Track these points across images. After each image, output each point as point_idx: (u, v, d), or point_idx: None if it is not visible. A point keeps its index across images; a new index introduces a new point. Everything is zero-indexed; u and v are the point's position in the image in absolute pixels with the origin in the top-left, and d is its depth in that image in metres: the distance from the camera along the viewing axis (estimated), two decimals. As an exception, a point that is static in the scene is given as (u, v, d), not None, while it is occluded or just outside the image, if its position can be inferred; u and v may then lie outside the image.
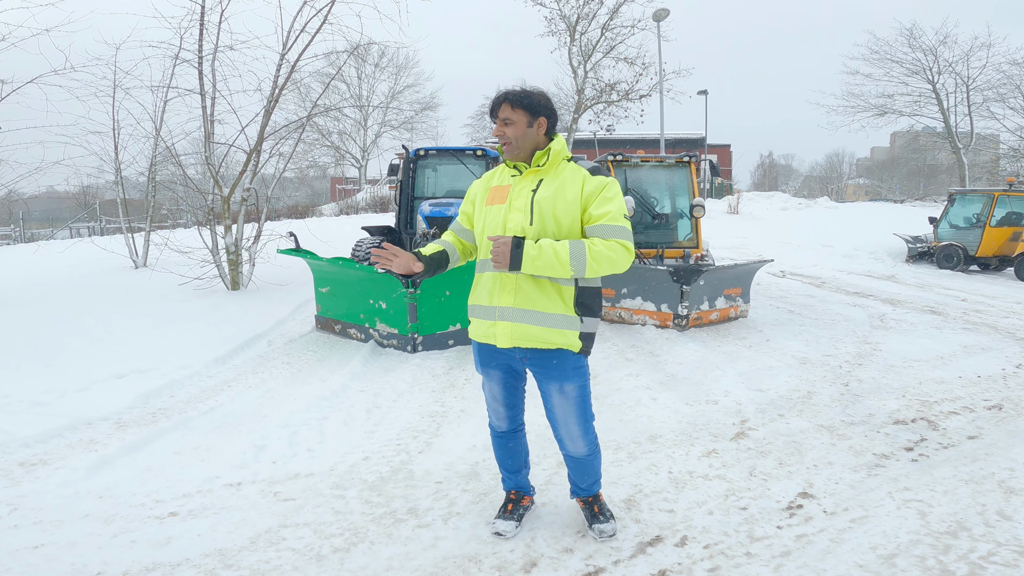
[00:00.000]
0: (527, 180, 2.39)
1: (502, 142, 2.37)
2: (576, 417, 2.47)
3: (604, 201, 2.29)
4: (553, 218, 2.31)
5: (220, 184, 7.96)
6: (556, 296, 2.34)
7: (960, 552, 2.50)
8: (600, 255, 2.22)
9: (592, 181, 2.32)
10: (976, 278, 11.55)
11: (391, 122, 38.62)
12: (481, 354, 2.56)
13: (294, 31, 7.47)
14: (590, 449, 2.54)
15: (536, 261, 2.21)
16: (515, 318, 2.35)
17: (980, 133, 31.60)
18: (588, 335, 2.41)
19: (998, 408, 4.32)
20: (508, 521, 2.65)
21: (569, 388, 2.43)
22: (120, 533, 2.61)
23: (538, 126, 2.37)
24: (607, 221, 2.26)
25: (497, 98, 2.37)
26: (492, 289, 2.40)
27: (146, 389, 4.50)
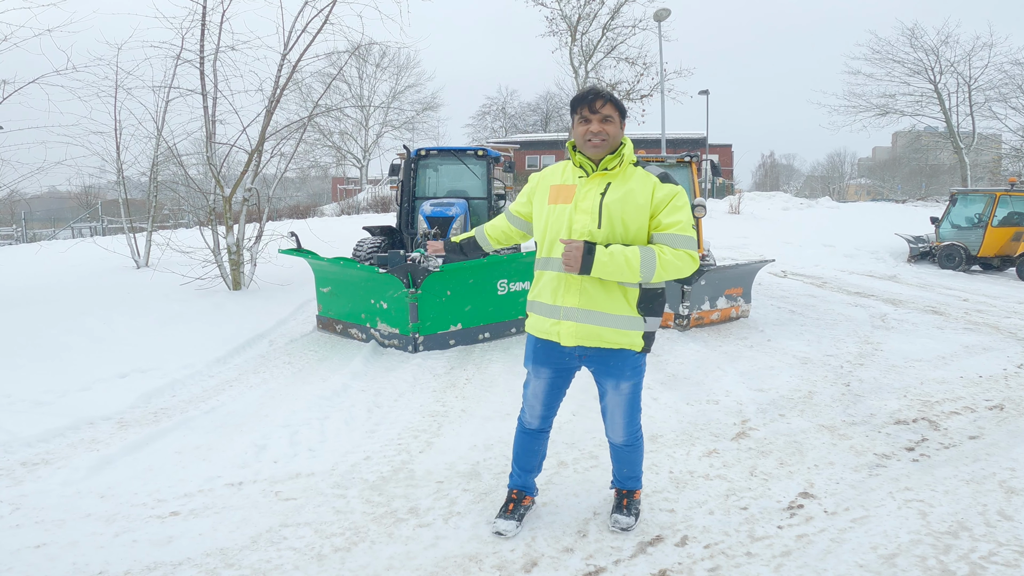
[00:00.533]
0: (594, 183, 2.39)
1: (597, 138, 2.33)
2: (624, 411, 2.55)
3: (674, 210, 2.32)
4: (622, 222, 2.33)
5: (222, 184, 7.97)
6: (621, 298, 2.38)
7: (961, 552, 2.50)
8: (669, 264, 2.27)
9: (663, 188, 2.33)
10: (978, 278, 11.54)
11: (392, 122, 38.68)
12: (537, 350, 2.58)
13: (295, 31, 7.47)
14: (629, 440, 2.62)
15: (607, 267, 2.25)
16: (580, 318, 2.39)
17: (982, 133, 31.55)
18: (650, 334, 2.46)
19: (999, 408, 4.32)
20: (509, 520, 2.66)
21: (624, 386, 2.50)
22: (122, 532, 2.62)
23: (622, 127, 2.41)
24: (677, 231, 2.30)
25: (593, 93, 2.34)
26: (556, 288, 2.43)
27: (148, 388, 4.51)
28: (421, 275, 5.29)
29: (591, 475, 3.19)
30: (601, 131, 2.32)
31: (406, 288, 5.32)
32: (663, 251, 2.27)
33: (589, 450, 3.50)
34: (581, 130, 2.36)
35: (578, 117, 2.37)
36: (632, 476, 2.72)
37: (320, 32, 7.39)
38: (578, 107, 2.36)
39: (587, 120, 2.34)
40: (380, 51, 31.59)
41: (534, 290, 2.56)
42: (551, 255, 2.43)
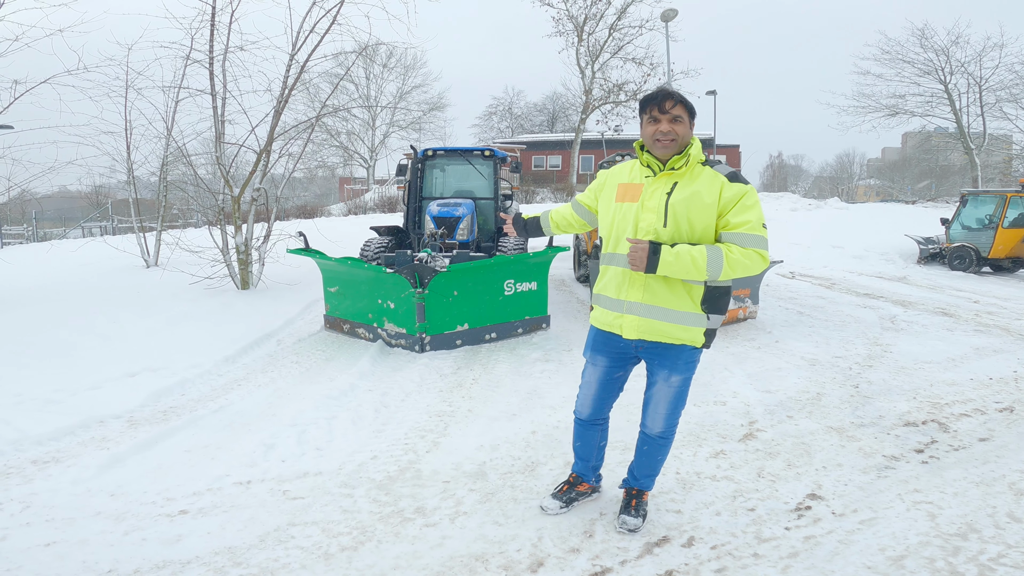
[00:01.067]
0: (661, 182, 2.41)
1: (665, 138, 2.35)
2: (669, 402, 2.56)
3: (744, 209, 2.32)
4: (688, 221, 2.34)
5: (231, 184, 8.01)
6: (685, 294, 2.41)
7: (969, 554, 2.49)
8: (736, 263, 2.28)
9: (731, 188, 2.33)
10: (988, 280, 11.43)
11: (399, 122, 38.79)
12: (597, 340, 2.66)
13: (303, 32, 7.51)
14: (665, 432, 2.61)
15: (672, 266, 2.28)
16: (643, 313, 2.44)
17: (993, 134, 31.30)
18: (712, 331, 2.48)
19: (1009, 410, 4.28)
20: (556, 500, 2.82)
21: (675, 379, 2.52)
22: (131, 531, 2.64)
23: (692, 127, 2.42)
24: (746, 230, 2.30)
25: (662, 94, 2.36)
26: (621, 283, 2.49)
27: (157, 387, 4.54)
28: (428, 275, 5.30)
29: (598, 476, 3.18)
30: (670, 131, 2.34)
31: (413, 288, 5.33)
32: (731, 250, 2.28)
33: (596, 451, 3.49)
34: (650, 130, 2.37)
35: (647, 117, 2.39)
36: (649, 475, 2.72)
37: (328, 32, 7.43)
38: (647, 107, 2.38)
39: (656, 120, 2.35)
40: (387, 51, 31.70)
41: (599, 284, 2.63)
42: (616, 251, 2.50)
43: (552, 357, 5.39)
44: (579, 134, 34.48)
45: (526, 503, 2.89)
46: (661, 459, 2.69)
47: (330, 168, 34.22)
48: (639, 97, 32.13)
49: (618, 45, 32.43)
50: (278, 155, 8.31)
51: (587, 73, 33.31)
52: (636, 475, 2.74)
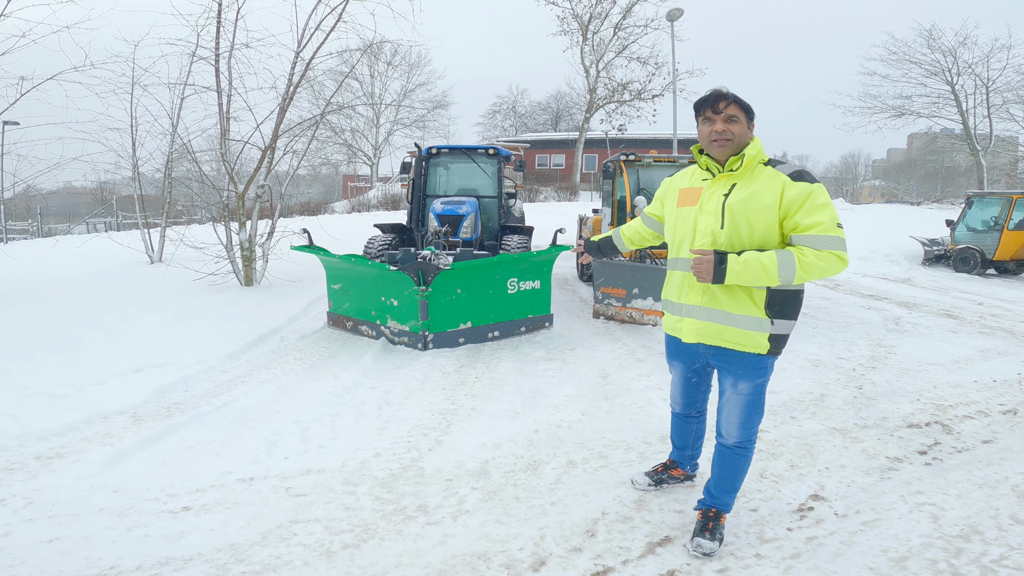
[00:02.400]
0: (719, 184, 2.37)
1: (721, 139, 2.31)
2: (741, 410, 2.48)
3: (814, 209, 2.21)
4: (746, 223, 2.27)
5: (235, 180, 8.03)
6: (745, 298, 2.33)
7: (972, 556, 2.48)
8: (811, 266, 2.18)
9: (795, 187, 2.23)
10: (993, 282, 11.39)
11: (403, 120, 38.74)
12: (669, 345, 2.73)
13: (309, 29, 7.51)
14: (742, 441, 2.51)
15: (741, 275, 2.22)
16: (701, 316, 2.42)
17: (999, 135, 31.21)
18: (778, 337, 2.36)
19: (1013, 413, 4.27)
20: (646, 476, 3.00)
21: (743, 386, 2.44)
22: (134, 527, 2.64)
23: (751, 128, 2.37)
24: (819, 232, 2.19)
25: (716, 94, 2.31)
26: (681, 287, 2.49)
27: (162, 383, 4.55)
28: (432, 273, 5.30)
29: (601, 475, 3.18)
30: (726, 131, 2.29)
31: (416, 286, 5.33)
32: (803, 253, 2.18)
33: (598, 450, 3.49)
34: (705, 131, 2.34)
35: (702, 119, 2.36)
36: (729, 491, 2.56)
37: (333, 30, 7.42)
38: (701, 108, 2.35)
39: (710, 120, 2.32)
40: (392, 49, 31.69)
41: (665, 289, 2.64)
42: (679, 256, 2.50)
43: (555, 356, 5.39)
44: (583, 133, 34.46)
45: (528, 502, 2.89)
46: (742, 470, 2.55)
47: (334, 165, 34.26)
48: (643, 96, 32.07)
49: (623, 44, 32.42)
50: (283, 152, 8.33)
51: (591, 72, 33.30)
52: (714, 493, 2.59)
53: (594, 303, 6.98)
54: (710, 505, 2.61)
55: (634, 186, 8.11)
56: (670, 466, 2.99)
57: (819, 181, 2.27)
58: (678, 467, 2.97)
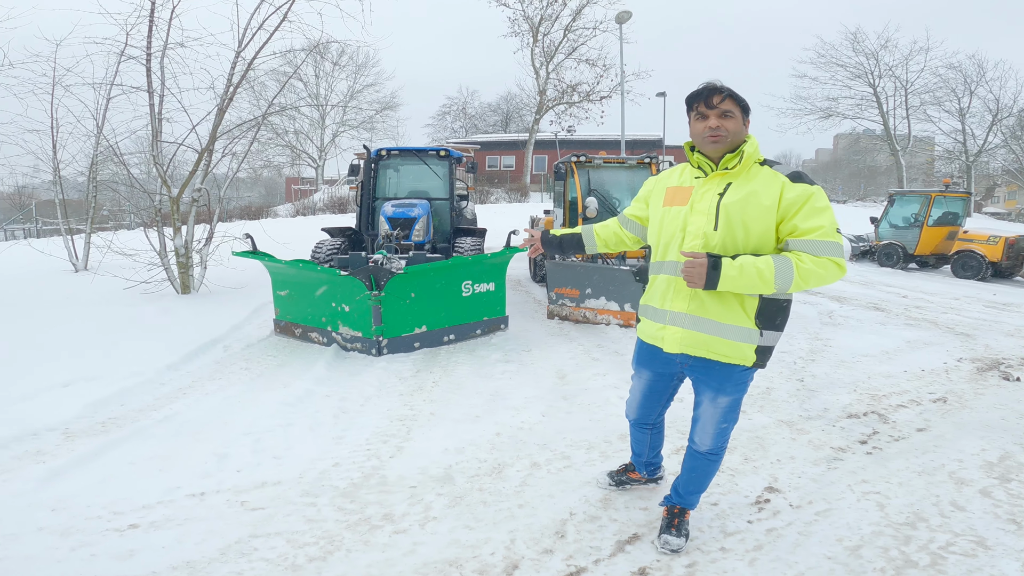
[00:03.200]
0: (713, 183, 2.22)
1: (713, 135, 2.17)
2: (718, 421, 2.40)
3: (814, 213, 2.09)
4: (742, 225, 2.14)
5: (168, 184, 7.66)
6: (736, 307, 2.20)
7: (920, 543, 2.60)
8: (809, 273, 2.05)
9: (794, 189, 2.11)
10: (915, 275, 12.15)
11: (350, 121, 37.89)
12: (642, 352, 2.55)
13: (251, 29, 7.26)
14: (714, 448, 2.45)
15: (736, 281, 2.07)
16: (687, 325, 2.26)
17: (917, 136, 33.40)
18: (765, 349, 2.26)
19: (943, 401, 4.52)
20: (608, 476, 3.01)
21: (723, 400, 2.35)
22: (79, 547, 2.48)
23: (747, 125, 2.23)
24: (819, 237, 2.06)
25: (709, 88, 2.18)
26: (666, 292, 2.33)
27: (94, 398, 4.28)
28: (384, 277, 5.20)
29: (565, 475, 3.20)
30: (720, 127, 2.15)
31: (369, 290, 5.22)
32: (801, 259, 2.05)
33: (561, 450, 3.51)
34: (699, 127, 2.20)
35: (694, 114, 2.22)
36: (695, 491, 2.57)
37: (278, 29, 7.19)
38: (693, 103, 2.21)
39: (704, 116, 2.18)
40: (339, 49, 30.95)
41: (646, 294, 2.49)
42: (664, 259, 2.34)
43: (512, 358, 5.38)
44: (533, 134, 34.73)
45: (496, 506, 2.86)
46: (710, 477, 2.54)
47: (276, 168, 33.15)
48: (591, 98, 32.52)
49: (572, 46, 32.91)
50: (221, 154, 8.01)
51: (542, 74, 33.64)
52: (681, 492, 2.58)
53: (548, 304, 7.02)
54: (675, 503, 2.61)
55: (585, 187, 8.20)
56: (629, 468, 2.96)
57: (817, 184, 2.18)
58: (635, 471, 2.95)
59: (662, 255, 2.36)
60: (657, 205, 2.40)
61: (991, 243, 11.62)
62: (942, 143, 33.96)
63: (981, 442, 3.71)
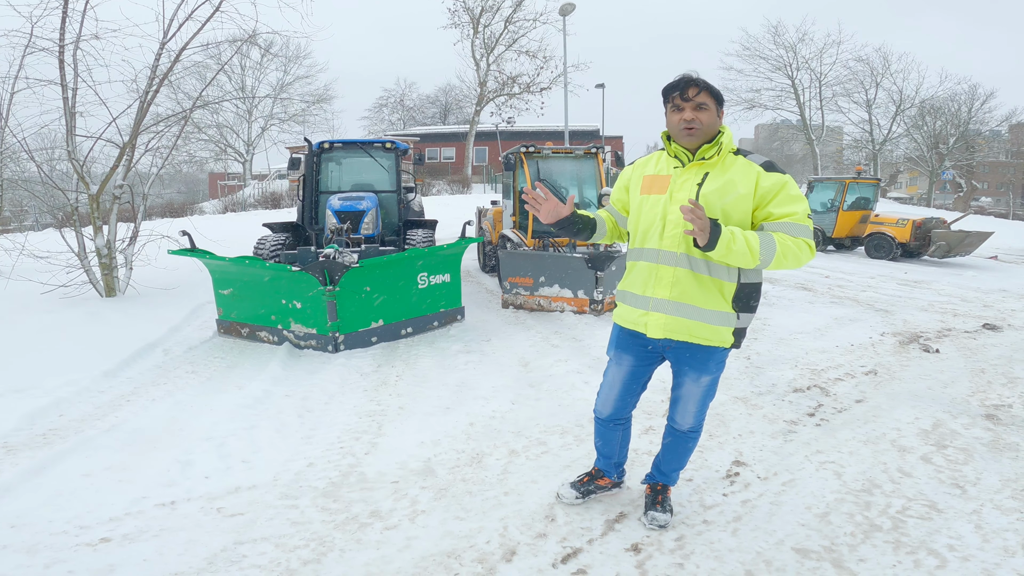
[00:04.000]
0: (691, 172, 2.29)
1: (688, 127, 2.23)
2: (699, 400, 2.49)
3: (788, 199, 2.21)
4: (722, 212, 2.22)
5: (87, 181, 7.13)
6: (716, 292, 2.29)
7: (880, 508, 2.78)
8: (788, 250, 2.17)
9: (769, 178, 2.22)
10: (833, 256, 12.95)
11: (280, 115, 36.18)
12: (622, 338, 2.55)
13: (177, 19, 6.84)
14: (695, 426, 2.56)
15: (731, 245, 2.11)
16: (670, 311, 2.32)
17: (829, 125, 35.51)
18: (741, 330, 2.38)
19: (874, 373, 4.85)
20: (572, 489, 2.79)
21: (704, 379, 2.43)
22: (52, 563, 2.33)
23: (720, 116, 2.30)
24: (794, 220, 2.19)
25: (685, 80, 2.22)
26: (647, 279, 2.37)
27: (28, 409, 3.98)
28: (338, 271, 5.07)
29: (544, 461, 3.25)
30: (695, 119, 2.22)
31: (323, 286, 5.08)
32: (782, 237, 2.17)
33: (536, 436, 3.56)
34: (675, 119, 2.26)
35: (670, 106, 2.27)
36: (676, 468, 2.67)
37: (210, 20, 6.80)
38: (670, 95, 2.26)
39: (679, 108, 2.24)
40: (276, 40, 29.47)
41: (624, 281, 2.51)
42: (644, 246, 2.38)
43: (473, 348, 5.39)
44: (474, 126, 34.50)
45: (482, 495, 2.88)
46: (689, 453, 2.64)
47: (199, 163, 31.26)
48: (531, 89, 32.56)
49: (513, 38, 32.88)
50: (144, 150, 7.53)
51: (482, 65, 33.45)
52: (663, 469, 2.68)
53: (502, 293, 7.06)
54: (658, 480, 2.70)
55: (534, 176, 8.30)
56: (596, 476, 2.85)
57: (789, 175, 2.28)
58: (604, 476, 2.85)
59: (641, 242, 2.40)
60: (635, 193, 2.44)
61: (900, 225, 12.55)
62: (851, 133, 36.33)
63: (913, 411, 4.00)
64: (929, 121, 33.03)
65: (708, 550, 2.45)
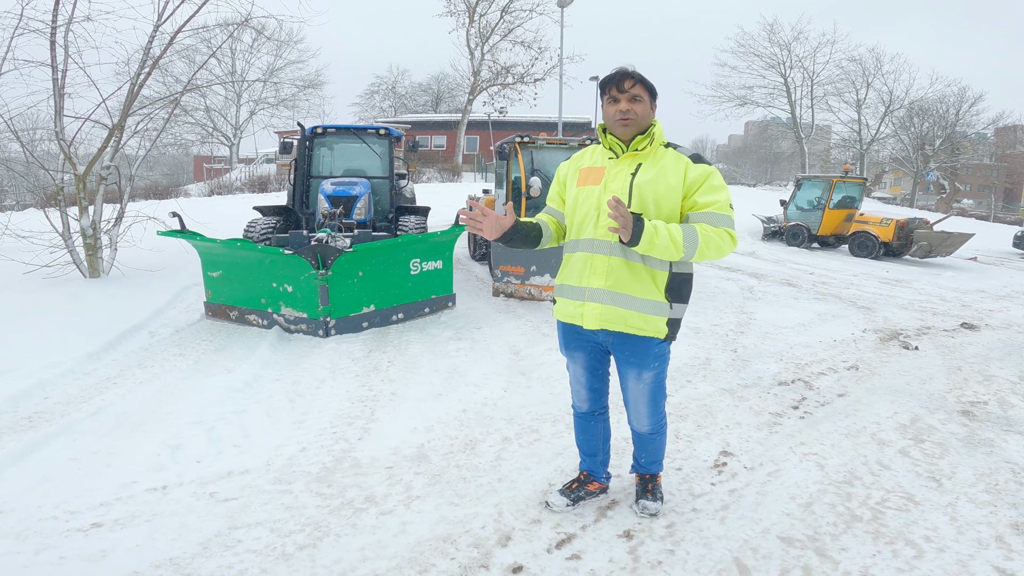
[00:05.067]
0: (624, 163, 2.33)
1: (623, 118, 2.27)
2: (647, 399, 2.49)
3: (711, 190, 2.26)
4: (654, 203, 2.26)
5: (73, 162, 7.01)
6: (649, 281, 2.31)
7: (860, 499, 2.86)
8: (711, 241, 2.20)
9: (696, 168, 2.28)
10: (818, 254, 13.12)
11: (269, 99, 35.54)
12: (566, 335, 2.55)
13: (172, 2, 6.71)
14: (653, 428, 2.57)
15: (654, 240, 2.14)
16: (605, 300, 2.33)
17: (819, 124, 35.73)
18: (675, 321, 2.38)
19: (855, 368, 4.94)
20: (563, 497, 2.70)
21: (647, 375, 2.44)
22: (42, 550, 2.31)
23: (654, 108, 2.34)
24: (716, 210, 2.23)
25: (621, 73, 2.27)
26: (583, 270, 2.37)
27: (12, 391, 3.92)
28: (332, 256, 5.05)
29: (536, 448, 3.28)
30: (629, 110, 2.27)
31: (315, 270, 5.05)
32: (704, 228, 2.21)
33: (528, 424, 3.59)
34: (611, 110, 2.30)
35: (607, 97, 2.31)
36: (654, 460, 2.68)
37: (207, 3, 6.68)
38: (606, 87, 2.30)
39: (615, 100, 2.29)
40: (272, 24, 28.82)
41: (561, 274, 2.51)
42: (580, 237, 2.40)
43: (464, 335, 5.40)
44: (466, 115, 34.25)
45: (475, 481, 2.91)
46: (661, 446, 2.66)
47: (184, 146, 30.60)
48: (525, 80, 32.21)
49: (508, 28, 32.60)
50: (132, 132, 7.41)
51: (476, 55, 33.17)
52: (643, 463, 2.71)
53: (493, 281, 7.07)
54: (646, 470, 2.73)
55: (528, 167, 8.30)
56: (585, 481, 2.78)
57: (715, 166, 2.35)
58: (594, 480, 2.78)
59: (577, 233, 2.42)
60: (572, 186, 2.46)
61: (884, 225, 12.72)
62: (839, 132, 36.61)
63: (892, 406, 4.09)
64: (917, 122, 33.40)
65: (697, 537, 2.50)
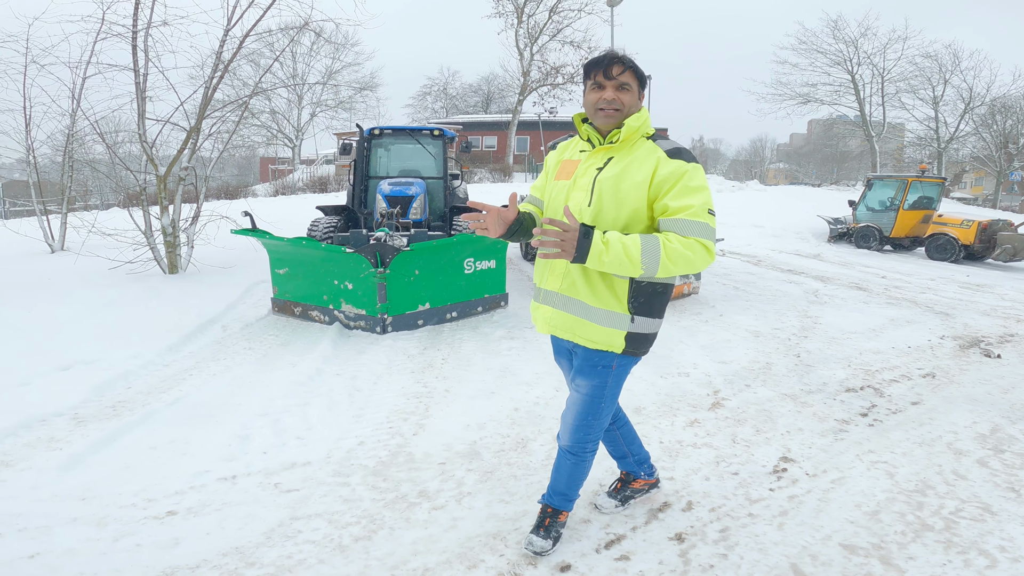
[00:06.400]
0: (596, 157, 2.10)
1: (609, 108, 2.03)
2: (576, 412, 2.22)
3: (686, 191, 1.94)
4: (614, 201, 2.00)
5: (155, 163, 7.48)
6: (606, 289, 2.05)
7: (932, 508, 2.73)
8: (676, 254, 1.88)
9: (668, 165, 1.96)
10: (891, 257, 12.47)
11: (327, 101, 36.89)
12: (552, 344, 2.40)
13: (240, 6, 7.07)
14: (573, 447, 2.26)
15: (603, 256, 1.88)
16: (557, 304, 2.14)
17: (891, 122, 33.93)
18: (638, 336, 2.09)
19: (932, 376, 4.70)
20: (611, 499, 2.66)
21: (582, 383, 2.18)
22: (120, 537, 2.46)
23: (641, 98, 2.12)
24: (688, 216, 1.91)
25: (611, 58, 2.03)
26: (543, 270, 2.19)
27: (98, 381, 4.21)
28: (389, 254, 5.18)
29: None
30: (615, 99, 2.02)
31: (374, 268, 5.20)
32: (669, 239, 1.89)
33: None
34: (592, 97, 2.05)
35: (591, 83, 2.06)
36: (562, 493, 2.35)
37: (272, 7, 7.01)
38: (592, 72, 2.05)
39: (600, 87, 2.04)
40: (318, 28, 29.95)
41: (534, 273, 2.33)
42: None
43: (516, 334, 5.43)
44: (516, 115, 34.47)
45: (526, 479, 2.93)
46: (576, 477, 2.32)
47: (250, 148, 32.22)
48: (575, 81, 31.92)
49: (557, 28, 32.62)
50: (207, 134, 7.84)
51: (525, 55, 33.36)
52: (550, 490, 2.40)
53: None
54: (549, 501, 2.40)
55: None
56: (628, 480, 2.66)
57: (698, 161, 2.02)
58: (636, 478, 2.66)
59: None
60: (551, 179, 2.27)
61: (964, 227, 11.97)
62: (914, 130, 34.66)
63: (971, 415, 3.88)
64: (999, 120, 31.22)
65: (752, 542, 2.44)
